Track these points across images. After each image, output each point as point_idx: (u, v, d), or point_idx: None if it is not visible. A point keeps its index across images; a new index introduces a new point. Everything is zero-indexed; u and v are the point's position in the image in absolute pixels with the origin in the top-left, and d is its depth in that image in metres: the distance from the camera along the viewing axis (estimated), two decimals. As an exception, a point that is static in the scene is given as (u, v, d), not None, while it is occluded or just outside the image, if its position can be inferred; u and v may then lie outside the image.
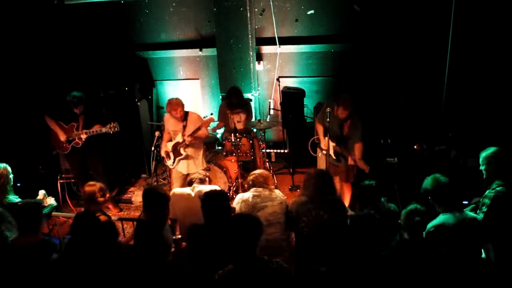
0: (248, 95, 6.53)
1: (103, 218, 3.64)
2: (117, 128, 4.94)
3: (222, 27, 6.31)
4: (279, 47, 6.54)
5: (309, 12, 6.37)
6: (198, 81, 7.18)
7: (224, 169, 5.45)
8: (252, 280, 2.43)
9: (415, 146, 5.23)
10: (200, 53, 6.89)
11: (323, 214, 3.20)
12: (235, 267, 2.46)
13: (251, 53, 6.41)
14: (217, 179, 5.39)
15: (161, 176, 6.32)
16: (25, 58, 5.97)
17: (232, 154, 5.50)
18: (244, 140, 5.57)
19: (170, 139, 5.01)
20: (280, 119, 6.65)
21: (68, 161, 5.34)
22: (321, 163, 4.87)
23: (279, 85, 6.60)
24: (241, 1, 6.11)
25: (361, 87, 6.19)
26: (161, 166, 6.44)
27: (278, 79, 6.66)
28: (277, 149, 6.91)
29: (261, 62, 6.75)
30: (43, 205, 4.26)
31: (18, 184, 4.73)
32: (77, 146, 5.04)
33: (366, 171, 4.34)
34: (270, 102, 6.93)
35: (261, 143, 6.00)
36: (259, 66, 6.74)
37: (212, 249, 2.93)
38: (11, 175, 4.14)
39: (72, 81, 6.20)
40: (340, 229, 3.17)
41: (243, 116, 5.85)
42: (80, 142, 5.02)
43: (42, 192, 4.89)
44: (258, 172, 3.75)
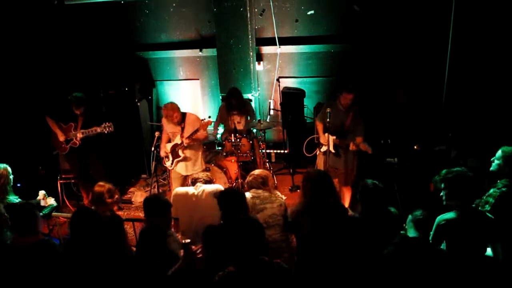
0: (248, 96, 6.53)
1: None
2: (111, 128, 4.92)
3: (222, 27, 6.31)
4: (279, 48, 6.54)
5: (309, 13, 6.37)
6: (198, 82, 7.18)
7: (224, 170, 5.45)
8: (253, 282, 2.42)
9: (415, 146, 5.23)
10: (200, 54, 6.89)
11: (324, 218, 3.18)
12: (236, 269, 2.46)
13: (251, 53, 6.41)
14: (217, 180, 5.39)
15: (161, 177, 6.32)
16: (25, 58, 5.97)
17: (232, 155, 5.50)
18: (244, 141, 5.57)
19: (169, 140, 5.01)
20: (280, 120, 6.65)
21: (68, 162, 5.35)
22: (320, 164, 4.86)
23: (279, 85, 6.60)
24: (241, 1, 6.11)
25: (361, 87, 6.18)
26: (161, 167, 6.43)
27: (278, 79, 6.66)
28: (277, 150, 6.91)
29: (261, 62, 6.75)
30: (40, 205, 4.25)
31: (18, 185, 4.73)
32: (75, 147, 5.05)
33: (369, 152, 4.36)
34: (270, 102, 6.93)
35: (261, 144, 6.00)
36: (259, 66, 6.74)
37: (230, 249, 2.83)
38: (11, 176, 4.13)
39: (72, 81, 6.21)
40: (341, 231, 3.16)
41: (243, 117, 5.85)
42: (78, 143, 5.03)
43: (42, 193, 4.89)
44: (257, 173, 3.73)
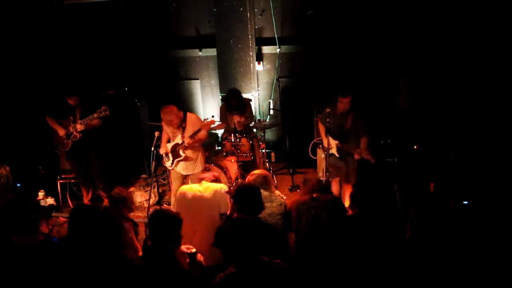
0: (248, 95, 6.53)
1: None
2: (107, 112, 4.82)
3: (222, 27, 6.31)
4: (279, 48, 6.54)
5: (309, 13, 6.37)
6: (198, 81, 7.18)
7: (224, 169, 5.44)
8: (254, 282, 2.43)
9: (415, 146, 5.23)
10: (200, 53, 6.89)
11: (322, 212, 3.20)
12: (237, 270, 2.46)
13: (251, 53, 6.41)
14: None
15: (161, 177, 6.32)
16: (25, 58, 5.97)
17: (232, 154, 5.50)
18: (244, 141, 5.57)
19: (169, 140, 5.00)
20: (280, 119, 6.65)
21: (68, 161, 5.32)
22: (322, 164, 4.87)
23: (279, 85, 6.60)
24: (241, 1, 6.11)
25: (361, 87, 6.19)
26: (161, 167, 6.43)
27: (278, 79, 6.66)
28: (277, 150, 6.91)
29: (261, 62, 6.75)
30: (40, 205, 4.23)
31: (18, 184, 4.73)
32: (76, 140, 4.98)
33: (372, 162, 4.36)
34: (270, 102, 6.93)
35: (261, 143, 6.00)
36: (259, 66, 6.74)
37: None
38: (11, 175, 4.13)
39: (72, 81, 6.21)
40: (339, 229, 3.17)
41: (243, 117, 5.85)
42: (78, 135, 4.96)
43: (42, 193, 4.90)
44: (258, 172, 3.75)
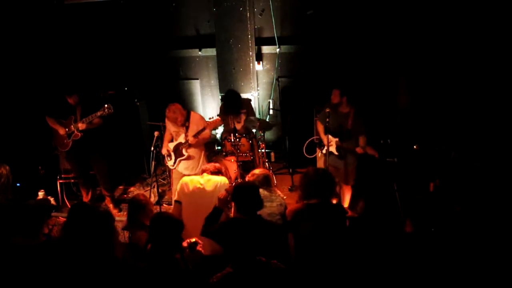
0: (248, 95, 6.53)
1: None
2: (111, 110, 4.77)
3: (222, 27, 6.31)
4: (279, 47, 6.54)
5: (309, 12, 6.36)
6: (198, 81, 7.18)
7: (224, 169, 5.44)
8: (251, 283, 2.42)
9: (415, 146, 5.23)
10: (200, 53, 6.89)
11: (322, 220, 3.18)
12: (234, 270, 2.46)
13: (251, 53, 6.41)
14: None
15: (161, 176, 6.32)
16: (25, 58, 5.97)
17: (232, 154, 5.50)
18: (244, 140, 5.57)
19: (172, 139, 5.00)
20: (280, 119, 6.65)
21: (69, 161, 5.29)
22: (320, 164, 4.87)
23: (279, 85, 6.60)
24: (241, 1, 6.11)
25: (361, 87, 6.19)
26: (161, 166, 6.45)
27: (278, 79, 6.66)
28: (277, 149, 6.91)
29: (261, 62, 6.75)
30: (48, 206, 4.21)
31: (18, 184, 4.73)
32: (77, 139, 4.94)
33: (376, 156, 4.36)
34: (270, 102, 6.93)
35: (261, 143, 6.00)
36: (259, 66, 6.74)
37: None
38: (11, 175, 4.12)
39: (72, 81, 6.20)
40: (339, 231, 3.16)
41: (243, 118, 5.85)
42: (79, 134, 4.91)
43: (42, 193, 4.90)
44: (259, 172, 3.76)
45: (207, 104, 7.26)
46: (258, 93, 6.85)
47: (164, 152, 5.01)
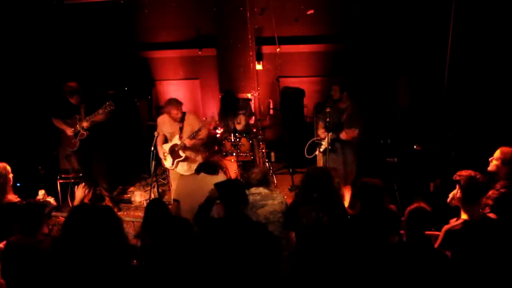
0: (248, 95, 6.53)
1: None
2: (112, 107, 4.85)
3: (222, 27, 6.31)
4: (279, 47, 6.54)
5: (309, 13, 6.37)
6: (198, 81, 7.18)
7: (224, 169, 5.45)
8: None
9: (415, 146, 5.23)
10: (200, 53, 6.89)
11: (323, 216, 3.19)
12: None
13: (251, 53, 6.41)
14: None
15: (161, 176, 6.32)
16: (24, 58, 5.97)
17: (232, 154, 5.51)
18: (244, 140, 5.57)
19: (166, 141, 4.98)
20: (280, 119, 6.65)
21: (77, 161, 5.32)
22: (320, 164, 4.86)
23: (279, 85, 6.60)
24: (241, 1, 6.11)
25: (361, 87, 6.19)
26: (161, 167, 6.43)
27: (278, 79, 6.66)
28: (277, 149, 6.91)
29: (261, 62, 6.75)
30: (46, 205, 4.21)
31: (18, 184, 4.72)
32: (83, 138, 5.00)
33: (356, 135, 4.35)
34: (270, 102, 6.93)
35: (261, 143, 6.00)
36: (259, 66, 6.74)
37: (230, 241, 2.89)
38: (11, 175, 4.12)
39: (71, 81, 6.20)
40: (340, 231, 3.16)
41: (243, 118, 5.86)
42: (85, 133, 4.98)
43: (42, 192, 4.89)
44: (258, 170, 3.76)
45: (207, 104, 7.26)
46: (258, 93, 6.84)
47: (161, 156, 4.99)
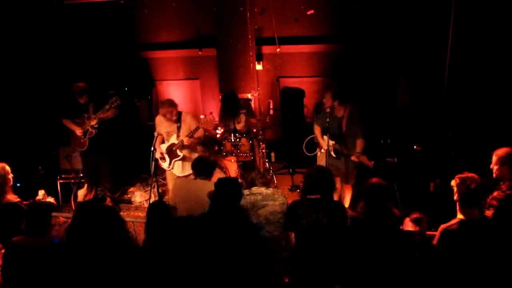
0: (248, 95, 6.52)
1: None
2: (119, 101, 4.96)
3: (222, 27, 6.31)
4: (279, 48, 6.54)
5: (309, 12, 6.37)
6: (198, 81, 7.18)
7: (224, 169, 5.45)
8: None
9: (415, 146, 5.23)
10: (200, 53, 6.89)
11: (323, 218, 3.18)
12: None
13: (251, 53, 6.41)
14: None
15: (161, 176, 6.31)
16: (24, 58, 5.96)
17: (232, 154, 5.51)
18: (244, 140, 5.57)
19: (163, 141, 4.97)
20: (280, 120, 6.65)
21: (86, 160, 5.32)
22: (321, 163, 4.86)
23: (279, 85, 6.60)
24: (241, 1, 6.11)
25: (361, 87, 6.20)
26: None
27: (278, 79, 6.66)
28: (277, 150, 6.91)
29: (261, 62, 6.75)
30: (53, 207, 4.20)
31: (18, 184, 4.72)
32: (92, 136, 5.03)
33: (371, 167, 4.30)
34: (270, 102, 6.93)
35: (261, 143, 6.00)
36: (259, 66, 6.74)
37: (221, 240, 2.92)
38: (10, 175, 4.11)
39: (72, 81, 6.20)
40: (340, 232, 3.16)
41: (243, 118, 5.85)
42: (94, 131, 5.02)
43: (42, 192, 4.88)
44: (258, 171, 3.77)
45: (207, 104, 7.26)
46: (258, 93, 6.84)
47: (158, 156, 4.97)
